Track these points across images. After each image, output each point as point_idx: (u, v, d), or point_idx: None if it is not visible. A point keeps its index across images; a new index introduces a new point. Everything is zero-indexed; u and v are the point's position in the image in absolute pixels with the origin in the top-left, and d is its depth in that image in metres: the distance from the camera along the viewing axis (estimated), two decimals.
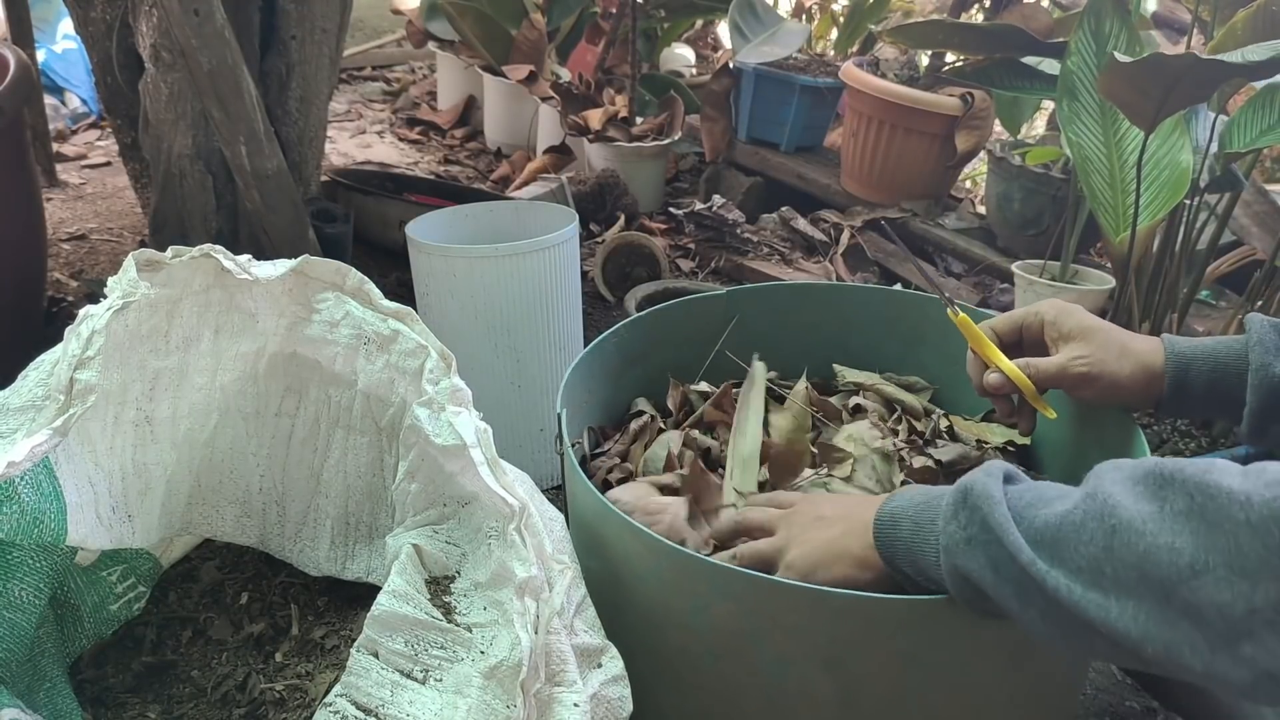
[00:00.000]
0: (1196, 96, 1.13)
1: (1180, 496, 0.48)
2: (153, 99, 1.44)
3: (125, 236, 2.08)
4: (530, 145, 2.82)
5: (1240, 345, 0.72)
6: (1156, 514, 0.48)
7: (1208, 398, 0.73)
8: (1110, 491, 0.51)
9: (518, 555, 0.60)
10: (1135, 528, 0.49)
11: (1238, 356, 0.71)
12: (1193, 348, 0.73)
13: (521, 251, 1.24)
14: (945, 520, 0.59)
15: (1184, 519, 0.47)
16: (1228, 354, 0.72)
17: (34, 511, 0.64)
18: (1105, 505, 0.51)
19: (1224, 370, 0.72)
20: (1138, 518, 0.49)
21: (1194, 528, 0.47)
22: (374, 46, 3.96)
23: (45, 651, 0.74)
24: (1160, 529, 0.48)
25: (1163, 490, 0.49)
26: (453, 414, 0.66)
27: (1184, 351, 0.73)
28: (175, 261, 0.70)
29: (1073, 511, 0.52)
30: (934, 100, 2.15)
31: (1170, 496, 0.48)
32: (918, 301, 1.02)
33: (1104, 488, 0.52)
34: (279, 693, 0.77)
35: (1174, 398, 0.73)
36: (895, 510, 0.64)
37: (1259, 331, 0.70)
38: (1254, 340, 0.70)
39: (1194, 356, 0.73)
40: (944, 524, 0.59)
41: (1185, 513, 0.47)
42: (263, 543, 0.88)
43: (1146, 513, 0.49)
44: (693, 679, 0.72)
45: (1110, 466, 0.54)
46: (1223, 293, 1.84)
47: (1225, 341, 0.73)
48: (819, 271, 2.15)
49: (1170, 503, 0.48)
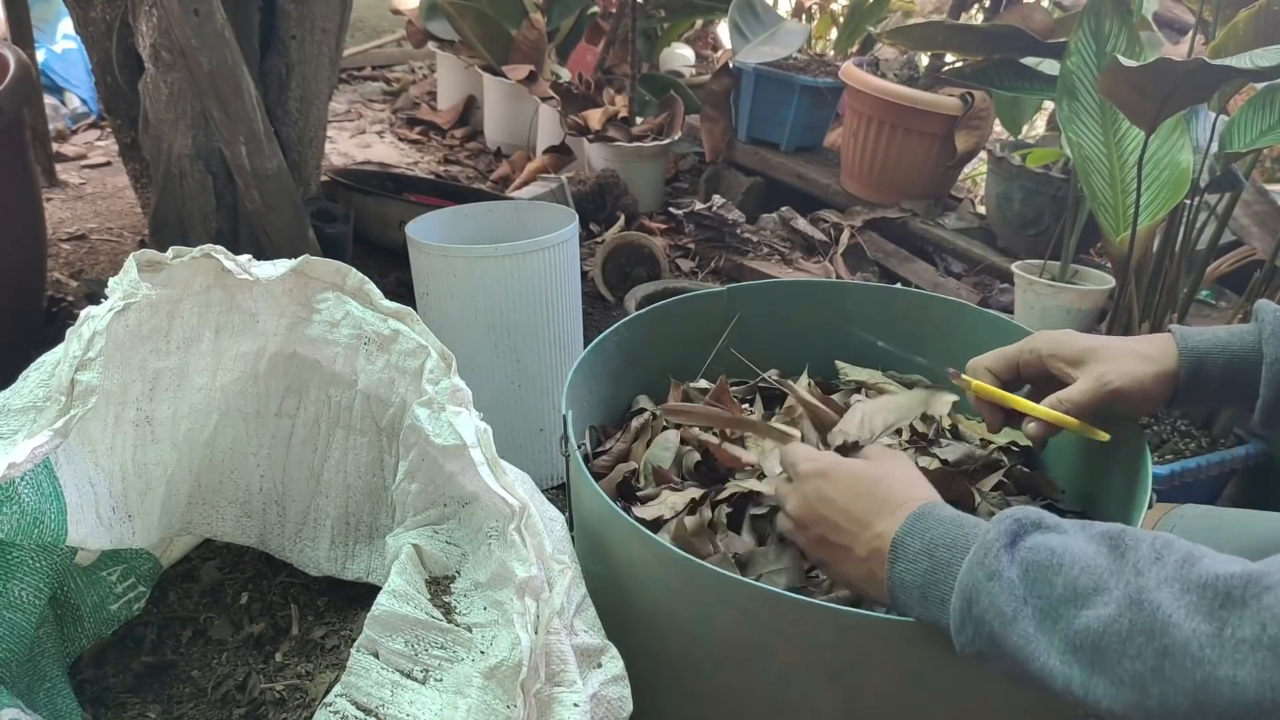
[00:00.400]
0: (1198, 97, 1.13)
1: (1249, 624, 0.43)
2: (153, 99, 1.44)
3: (125, 236, 2.08)
4: (530, 145, 2.82)
5: (1254, 336, 0.71)
6: (1215, 638, 0.44)
7: (1222, 390, 0.72)
8: (1159, 602, 0.46)
9: (518, 555, 0.60)
10: (1191, 653, 0.44)
11: (1251, 348, 0.71)
12: (1205, 340, 0.72)
13: (521, 251, 1.24)
14: (954, 629, 0.55)
15: (1249, 649, 0.43)
16: (1241, 346, 0.71)
17: (34, 512, 0.64)
18: (1154, 619, 0.46)
19: (1238, 363, 0.71)
20: (1194, 640, 0.44)
21: (1261, 661, 0.42)
22: (374, 46, 3.96)
23: (45, 651, 0.74)
24: (1220, 657, 0.43)
25: (1224, 610, 0.44)
26: (453, 414, 0.66)
27: (1197, 346, 0.72)
28: (176, 262, 0.70)
29: (1117, 620, 0.47)
30: (934, 100, 2.15)
31: (1232, 620, 0.44)
32: (919, 300, 1.02)
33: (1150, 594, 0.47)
34: (279, 693, 0.77)
35: (1189, 392, 0.73)
36: (905, 579, 0.59)
37: (1272, 323, 0.70)
38: (1268, 332, 0.70)
39: (1207, 350, 0.72)
40: (954, 632, 0.55)
41: (1252, 643, 0.43)
42: (263, 543, 0.88)
43: (1204, 635, 0.44)
44: (695, 685, 0.72)
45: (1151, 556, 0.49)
46: (1223, 293, 1.84)
47: (1237, 332, 0.72)
48: (819, 271, 2.15)
49: (1233, 627, 0.44)
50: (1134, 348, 0.75)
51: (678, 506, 0.81)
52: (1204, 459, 1.21)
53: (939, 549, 0.58)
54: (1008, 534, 0.55)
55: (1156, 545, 0.50)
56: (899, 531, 0.61)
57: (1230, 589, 0.45)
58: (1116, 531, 0.53)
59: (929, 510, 0.61)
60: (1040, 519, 0.56)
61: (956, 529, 0.59)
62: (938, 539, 0.59)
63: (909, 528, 0.60)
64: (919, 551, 0.59)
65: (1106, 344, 0.76)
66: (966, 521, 0.59)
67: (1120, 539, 0.52)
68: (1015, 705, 0.68)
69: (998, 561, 0.53)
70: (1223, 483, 1.30)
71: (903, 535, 0.60)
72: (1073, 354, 0.76)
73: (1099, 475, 0.85)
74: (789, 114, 2.46)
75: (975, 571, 0.54)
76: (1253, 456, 1.25)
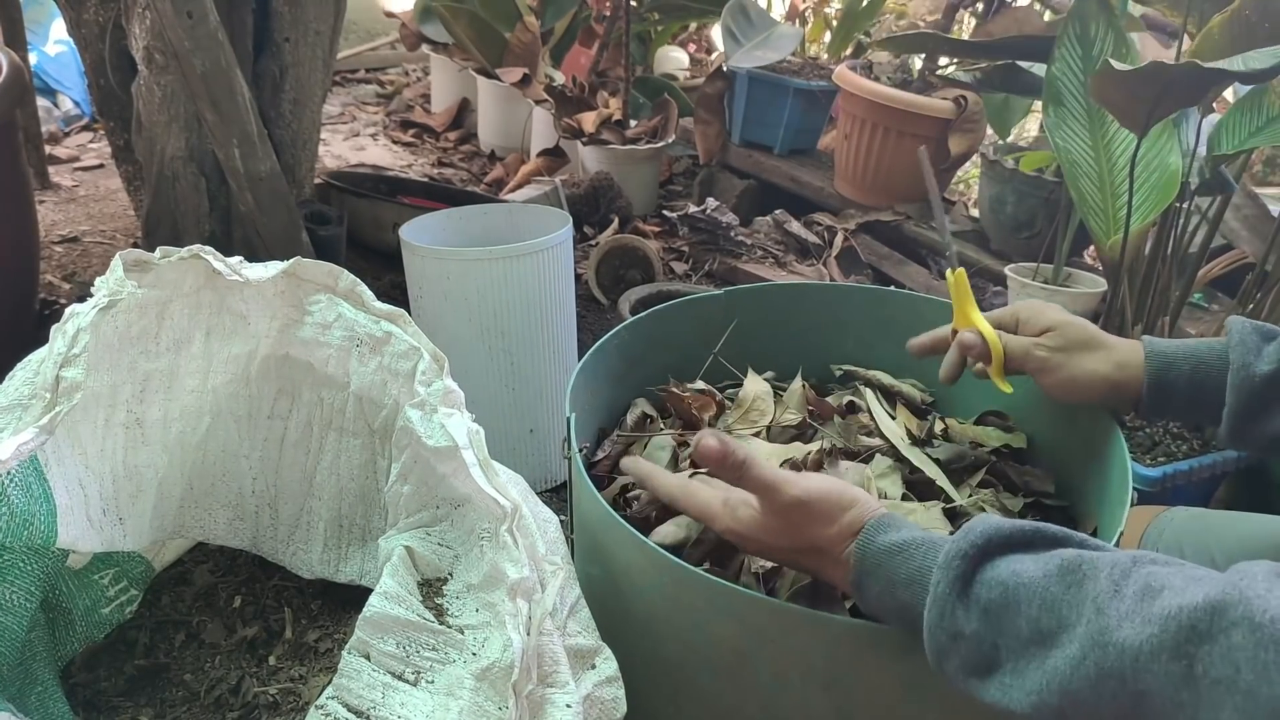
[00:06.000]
0: (1189, 100, 1.14)
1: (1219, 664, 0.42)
2: (146, 101, 1.43)
3: (118, 239, 2.08)
4: (524, 148, 2.82)
5: (1222, 346, 0.71)
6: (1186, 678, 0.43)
7: (1189, 399, 0.72)
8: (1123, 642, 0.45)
9: (510, 557, 0.60)
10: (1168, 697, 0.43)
11: (1219, 357, 0.71)
12: (1174, 348, 0.73)
13: (515, 254, 1.24)
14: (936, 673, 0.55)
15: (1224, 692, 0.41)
16: (1209, 354, 0.71)
17: (24, 514, 0.64)
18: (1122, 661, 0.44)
19: (1205, 371, 0.71)
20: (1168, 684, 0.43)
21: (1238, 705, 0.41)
22: (368, 49, 3.96)
23: (36, 655, 0.74)
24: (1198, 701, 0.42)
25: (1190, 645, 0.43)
26: (445, 416, 0.66)
27: (1164, 351, 0.73)
28: (163, 262, 0.70)
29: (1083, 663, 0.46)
30: (927, 103, 2.16)
31: (1201, 657, 0.42)
32: (913, 303, 1.02)
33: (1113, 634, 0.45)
34: (272, 696, 0.77)
35: (1153, 398, 0.73)
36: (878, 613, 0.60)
37: (1240, 332, 0.70)
38: (1235, 341, 0.70)
39: (1175, 357, 0.72)
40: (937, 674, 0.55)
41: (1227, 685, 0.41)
42: (255, 546, 0.88)
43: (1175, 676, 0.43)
44: (689, 691, 0.72)
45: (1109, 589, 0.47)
46: (1215, 296, 1.85)
47: (1206, 342, 0.72)
48: (812, 274, 2.16)
49: (1204, 665, 0.42)
50: (1106, 341, 0.76)
51: None
52: (1196, 461, 1.22)
53: (898, 588, 0.57)
54: (958, 580, 0.53)
55: (1115, 575, 0.48)
56: (854, 571, 0.59)
57: (1195, 623, 0.43)
58: (1072, 559, 0.50)
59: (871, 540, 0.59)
60: (988, 539, 0.53)
61: (905, 561, 0.56)
62: (893, 576, 0.57)
63: (860, 562, 0.59)
64: (881, 592, 0.58)
65: (1073, 325, 0.77)
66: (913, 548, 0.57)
67: (1077, 569, 0.50)
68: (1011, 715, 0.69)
69: (954, 619, 0.52)
70: (1214, 485, 1.31)
71: (858, 575, 0.59)
72: (1044, 322, 0.78)
73: (1081, 474, 0.85)
74: (782, 117, 2.46)
75: (937, 634, 0.53)
76: (1244, 459, 1.25)
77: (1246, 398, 0.69)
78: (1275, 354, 0.69)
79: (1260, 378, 0.68)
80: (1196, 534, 0.86)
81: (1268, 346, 0.69)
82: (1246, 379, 0.68)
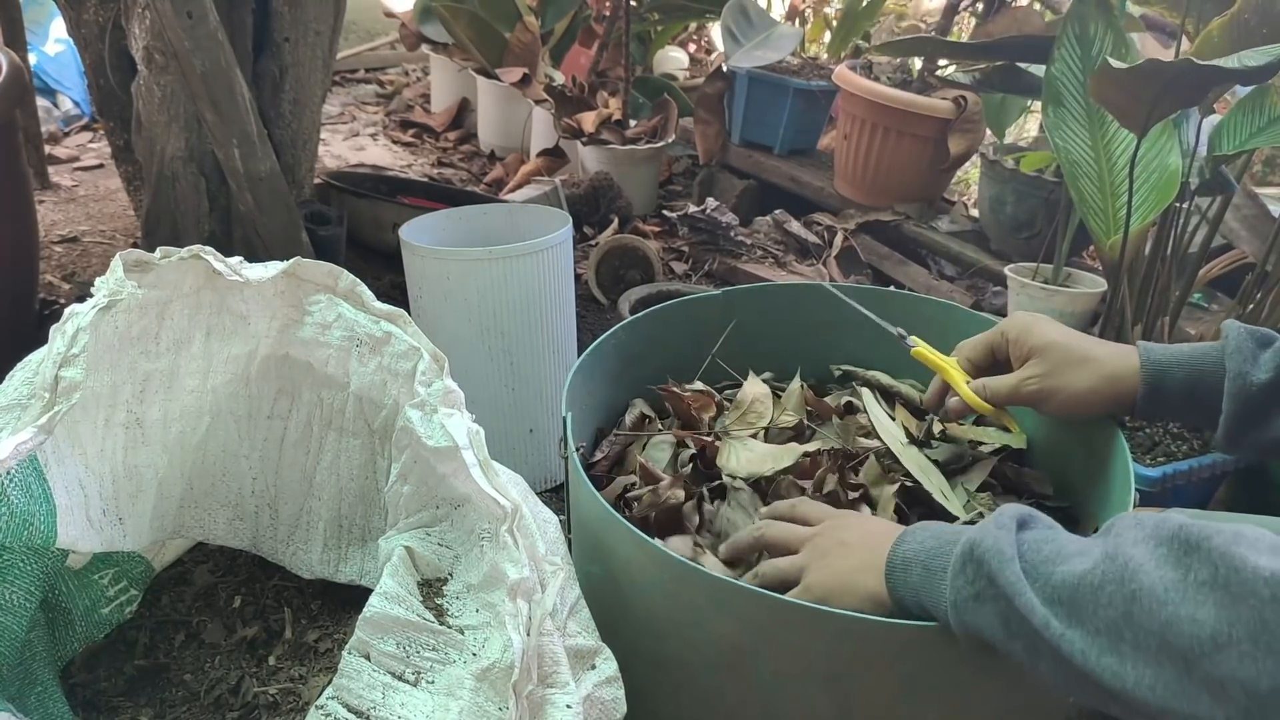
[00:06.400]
0: (1188, 100, 1.14)
1: (1204, 566, 0.47)
2: (145, 101, 1.43)
3: (118, 239, 2.08)
4: (524, 148, 2.82)
5: (1218, 352, 0.71)
6: (1179, 582, 0.47)
7: (1184, 405, 0.72)
8: (1131, 554, 0.50)
9: (510, 557, 0.60)
10: (1157, 595, 0.47)
11: (1215, 363, 0.71)
12: (1169, 355, 0.73)
13: (515, 254, 1.24)
14: (953, 575, 0.57)
15: (1207, 589, 0.46)
16: (1205, 360, 0.71)
17: (23, 513, 0.64)
18: (1126, 569, 0.49)
19: (1201, 377, 0.71)
20: (1160, 585, 0.48)
21: (1218, 599, 0.45)
22: (368, 49, 3.96)
23: (36, 655, 0.74)
24: (1183, 598, 0.46)
25: (1187, 557, 0.48)
26: (445, 416, 0.66)
27: (1160, 359, 0.73)
28: (164, 262, 0.70)
29: (1091, 571, 0.51)
30: (927, 103, 2.16)
31: (1194, 565, 0.47)
32: (912, 302, 1.02)
33: (1125, 549, 0.50)
34: (272, 696, 0.77)
35: (1149, 404, 0.73)
36: (906, 555, 0.62)
37: (1236, 339, 0.70)
38: (1231, 347, 0.70)
39: (1170, 364, 0.72)
40: (951, 578, 0.58)
41: (1209, 583, 0.46)
42: (255, 546, 0.88)
43: (1169, 580, 0.47)
44: (690, 689, 0.72)
45: (1132, 522, 0.52)
46: (1215, 296, 1.85)
47: (1202, 348, 0.72)
48: (812, 274, 2.16)
49: (1194, 571, 0.47)
50: (1095, 353, 0.75)
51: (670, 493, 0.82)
52: (1196, 461, 1.22)
53: (945, 533, 0.62)
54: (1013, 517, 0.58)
55: (1139, 516, 0.53)
56: (900, 534, 0.65)
57: (1188, 536, 0.48)
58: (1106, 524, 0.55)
59: (923, 524, 0.65)
60: (1035, 515, 0.59)
61: (955, 530, 0.62)
62: (941, 530, 0.63)
63: (908, 534, 0.64)
64: (926, 534, 0.63)
65: (1059, 345, 0.77)
66: (955, 529, 0.62)
67: (1108, 526, 0.55)
68: (1009, 712, 0.69)
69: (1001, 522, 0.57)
70: (1214, 485, 1.31)
71: (907, 532, 0.64)
72: (1028, 346, 0.78)
73: (1082, 475, 0.85)
74: (782, 117, 2.46)
75: (985, 526, 0.58)
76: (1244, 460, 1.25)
77: (1243, 406, 0.69)
78: (1271, 361, 0.68)
79: (1257, 386, 0.68)
80: None
81: (1264, 354, 0.69)
82: (1243, 388, 0.68)
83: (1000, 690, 0.67)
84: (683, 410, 0.94)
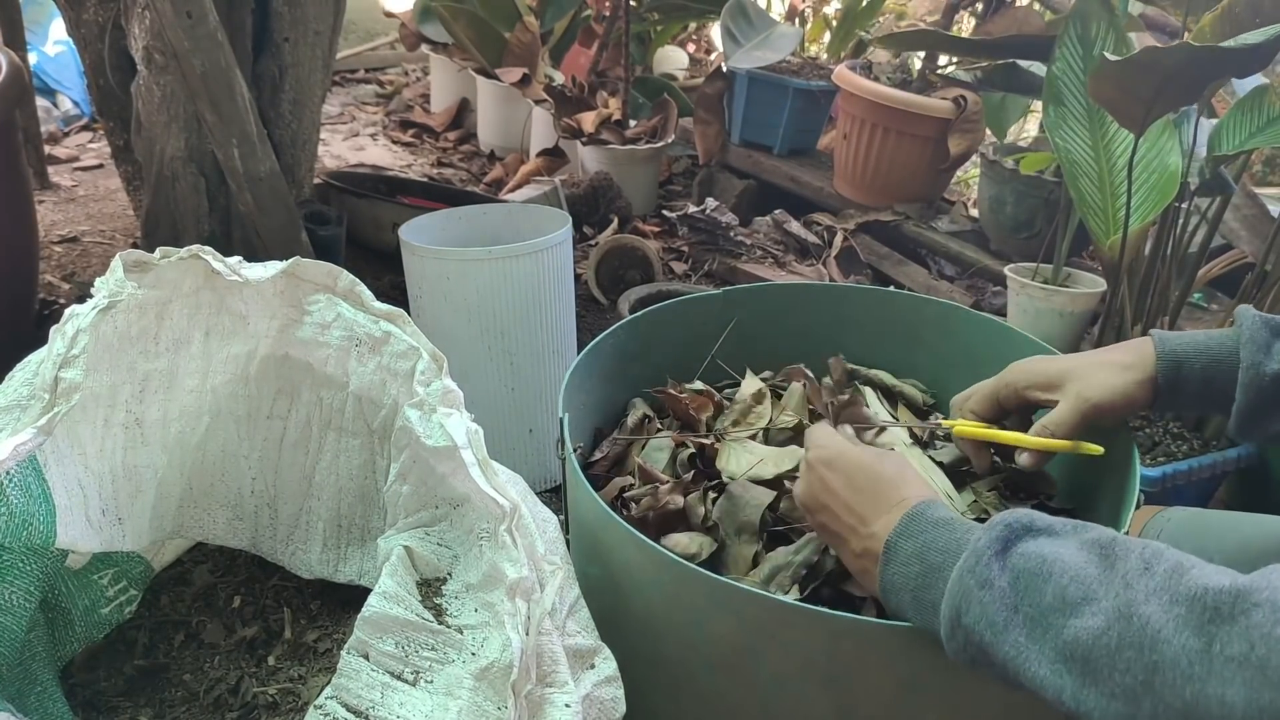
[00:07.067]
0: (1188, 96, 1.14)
1: (1236, 641, 0.43)
2: (145, 101, 1.43)
3: (117, 239, 2.08)
4: (523, 148, 2.82)
5: (1232, 340, 0.71)
6: (1203, 654, 0.44)
7: (1201, 395, 0.72)
8: (1148, 617, 0.46)
9: (509, 556, 0.60)
10: (1181, 669, 0.44)
11: (1230, 352, 0.71)
12: (1185, 344, 0.73)
13: (515, 254, 1.24)
14: (945, 636, 0.55)
15: (1236, 668, 0.43)
16: (1220, 349, 0.71)
17: (23, 514, 0.64)
18: (1144, 634, 0.46)
19: (1216, 366, 0.71)
20: (1183, 657, 0.44)
21: (1248, 679, 0.42)
22: (367, 49, 3.96)
23: (36, 655, 0.74)
24: (1209, 674, 0.44)
25: (1212, 625, 0.44)
26: (444, 415, 0.66)
27: (1175, 349, 0.72)
28: (163, 263, 0.70)
29: (1106, 632, 0.47)
30: (926, 103, 2.16)
31: (1220, 636, 0.44)
32: (913, 302, 1.02)
33: (1138, 607, 0.47)
34: (272, 696, 0.77)
35: (1169, 395, 0.73)
36: (895, 581, 0.60)
37: (1250, 328, 0.70)
38: (1245, 337, 0.70)
39: (1186, 354, 0.72)
40: (945, 639, 0.56)
41: (1240, 661, 0.43)
42: (255, 546, 0.88)
43: (1193, 650, 0.44)
44: (689, 689, 0.72)
45: (1139, 566, 0.49)
46: (1214, 295, 1.85)
47: (1217, 336, 0.72)
48: (812, 274, 2.16)
49: (1221, 643, 0.44)
50: (1109, 358, 0.75)
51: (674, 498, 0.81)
52: (1196, 461, 1.22)
53: (931, 553, 0.58)
54: (999, 540, 0.55)
55: (1146, 555, 0.50)
56: (893, 533, 0.61)
57: (1219, 604, 0.45)
58: (1107, 540, 0.52)
59: (923, 511, 0.61)
60: (1031, 522, 0.56)
61: (949, 533, 0.59)
62: (930, 542, 0.59)
63: (903, 529, 0.61)
64: (911, 555, 0.59)
65: (1079, 362, 0.76)
66: (959, 525, 0.59)
67: (1111, 548, 0.52)
68: (1009, 713, 0.69)
69: (989, 570, 0.54)
70: (1214, 485, 1.31)
71: (896, 537, 0.61)
72: (1047, 380, 0.77)
73: (1087, 475, 0.85)
74: (782, 117, 2.46)
75: (966, 579, 0.54)
76: (1244, 459, 1.25)
77: (1256, 396, 0.69)
78: None
79: (1270, 376, 0.68)
80: (1195, 534, 0.85)
81: (1277, 343, 0.69)
82: (1256, 378, 0.68)
83: (1000, 690, 0.67)
84: (681, 411, 0.94)
